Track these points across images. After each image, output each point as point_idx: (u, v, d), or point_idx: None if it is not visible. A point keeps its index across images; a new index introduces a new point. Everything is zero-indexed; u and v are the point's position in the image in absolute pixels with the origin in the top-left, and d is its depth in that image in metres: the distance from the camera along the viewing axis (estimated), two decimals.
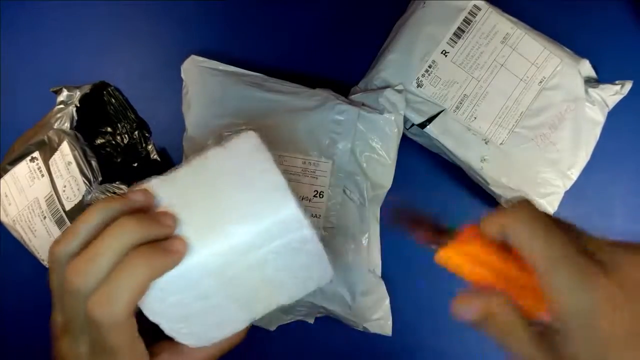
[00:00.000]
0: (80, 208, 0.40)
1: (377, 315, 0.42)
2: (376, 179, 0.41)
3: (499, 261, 0.25)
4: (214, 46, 0.46)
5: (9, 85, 0.46)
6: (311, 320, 0.43)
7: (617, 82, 0.44)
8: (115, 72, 0.47)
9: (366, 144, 0.41)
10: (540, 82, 0.43)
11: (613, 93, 0.44)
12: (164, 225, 0.25)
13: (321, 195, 0.40)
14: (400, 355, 0.45)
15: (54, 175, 0.41)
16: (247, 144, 0.27)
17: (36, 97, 0.46)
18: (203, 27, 0.47)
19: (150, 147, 0.45)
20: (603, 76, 0.45)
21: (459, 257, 0.26)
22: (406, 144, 0.44)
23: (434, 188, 0.46)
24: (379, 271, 0.43)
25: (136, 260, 0.24)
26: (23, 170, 0.42)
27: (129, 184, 0.40)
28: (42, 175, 0.41)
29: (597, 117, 0.44)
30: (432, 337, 0.45)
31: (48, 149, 0.42)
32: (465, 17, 0.43)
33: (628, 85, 0.44)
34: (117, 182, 0.40)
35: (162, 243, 0.25)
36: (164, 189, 0.26)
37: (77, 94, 0.42)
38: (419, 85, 0.43)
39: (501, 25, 0.43)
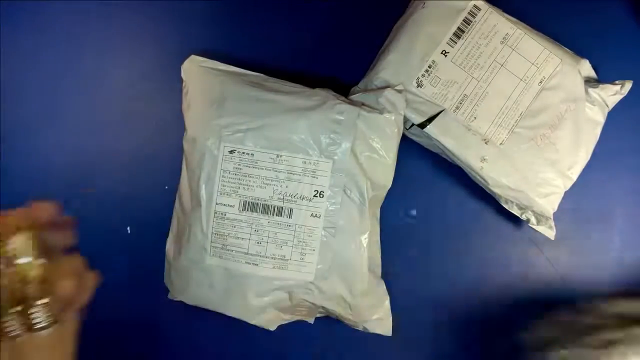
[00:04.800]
0: None
1: (377, 315, 0.42)
2: (376, 179, 0.41)
3: None
4: (214, 46, 0.46)
5: (9, 85, 0.46)
6: (311, 320, 0.43)
7: (617, 82, 0.44)
8: (115, 72, 0.47)
9: (366, 144, 0.41)
10: (540, 82, 0.43)
11: (613, 93, 0.44)
12: None
13: (321, 195, 0.40)
14: (400, 355, 0.45)
15: None
16: None
17: (36, 97, 0.46)
18: (203, 27, 0.47)
19: None
20: (603, 76, 0.46)
21: None
22: (406, 144, 0.44)
23: (434, 188, 0.46)
24: (379, 271, 0.43)
25: None
26: None
27: None
28: None
29: (597, 117, 0.44)
30: (432, 336, 0.45)
31: None
32: (465, 17, 0.43)
33: (628, 85, 0.44)
34: None
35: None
36: None
37: None
38: (419, 85, 0.43)
39: (501, 25, 0.43)
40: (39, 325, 0.29)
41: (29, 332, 0.29)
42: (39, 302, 0.29)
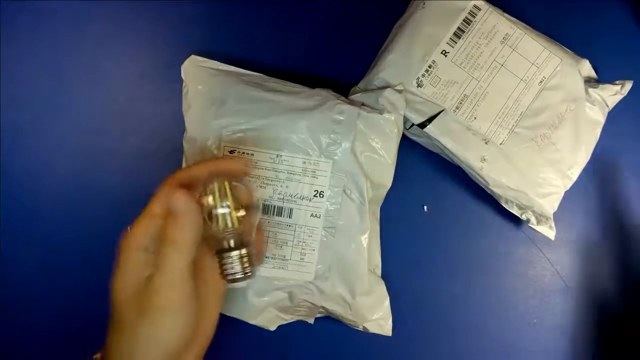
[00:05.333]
0: None
1: (377, 315, 0.42)
2: (376, 179, 0.41)
3: None
4: (214, 46, 0.46)
5: (9, 85, 0.46)
6: (311, 320, 0.43)
7: (617, 82, 0.44)
8: (115, 72, 0.47)
9: (366, 144, 0.41)
10: (541, 82, 0.43)
11: (613, 93, 0.44)
12: None
13: (321, 195, 0.40)
14: (400, 355, 0.45)
15: None
16: None
17: (36, 97, 0.46)
18: (203, 27, 0.47)
19: None
20: (603, 76, 0.46)
21: None
22: (406, 144, 0.44)
23: (434, 188, 0.46)
24: (379, 271, 0.43)
25: None
26: None
27: None
28: None
29: (597, 117, 0.44)
30: (432, 337, 0.45)
31: None
32: (465, 17, 0.43)
33: (628, 85, 0.44)
34: None
35: None
36: None
37: None
38: (419, 85, 0.43)
39: (501, 25, 0.43)
40: (238, 276, 0.30)
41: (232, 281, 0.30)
42: (244, 253, 0.30)
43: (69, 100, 0.46)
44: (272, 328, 0.42)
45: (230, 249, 0.30)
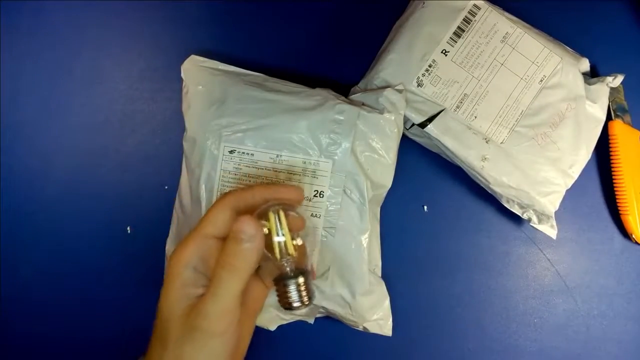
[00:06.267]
0: None
1: (377, 315, 0.42)
2: (376, 179, 0.41)
3: None
4: (214, 46, 0.46)
5: (9, 85, 0.46)
6: (311, 320, 0.43)
7: (610, 74, 0.44)
8: (115, 72, 0.47)
9: (366, 144, 0.41)
10: (541, 80, 0.43)
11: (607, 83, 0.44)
12: None
13: (321, 195, 0.40)
14: (400, 356, 0.45)
15: None
16: None
17: (36, 97, 0.46)
18: (203, 27, 0.47)
19: None
20: (603, 75, 0.45)
21: None
22: (406, 144, 0.44)
23: (434, 188, 0.46)
24: (379, 271, 0.43)
25: None
26: None
27: None
28: None
29: (597, 115, 0.44)
30: (432, 337, 0.45)
31: None
32: (465, 16, 0.43)
33: (620, 77, 0.44)
34: None
35: None
36: None
37: None
38: (419, 85, 0.43)
39: (501, 24, 0.43)
40: (296, 304, 0.30)
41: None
42: (301, 282, 0.30)
43: (69, 100, 0.46)
44: (272, 328, 0.42)
45: (289, 277, 0.30)
